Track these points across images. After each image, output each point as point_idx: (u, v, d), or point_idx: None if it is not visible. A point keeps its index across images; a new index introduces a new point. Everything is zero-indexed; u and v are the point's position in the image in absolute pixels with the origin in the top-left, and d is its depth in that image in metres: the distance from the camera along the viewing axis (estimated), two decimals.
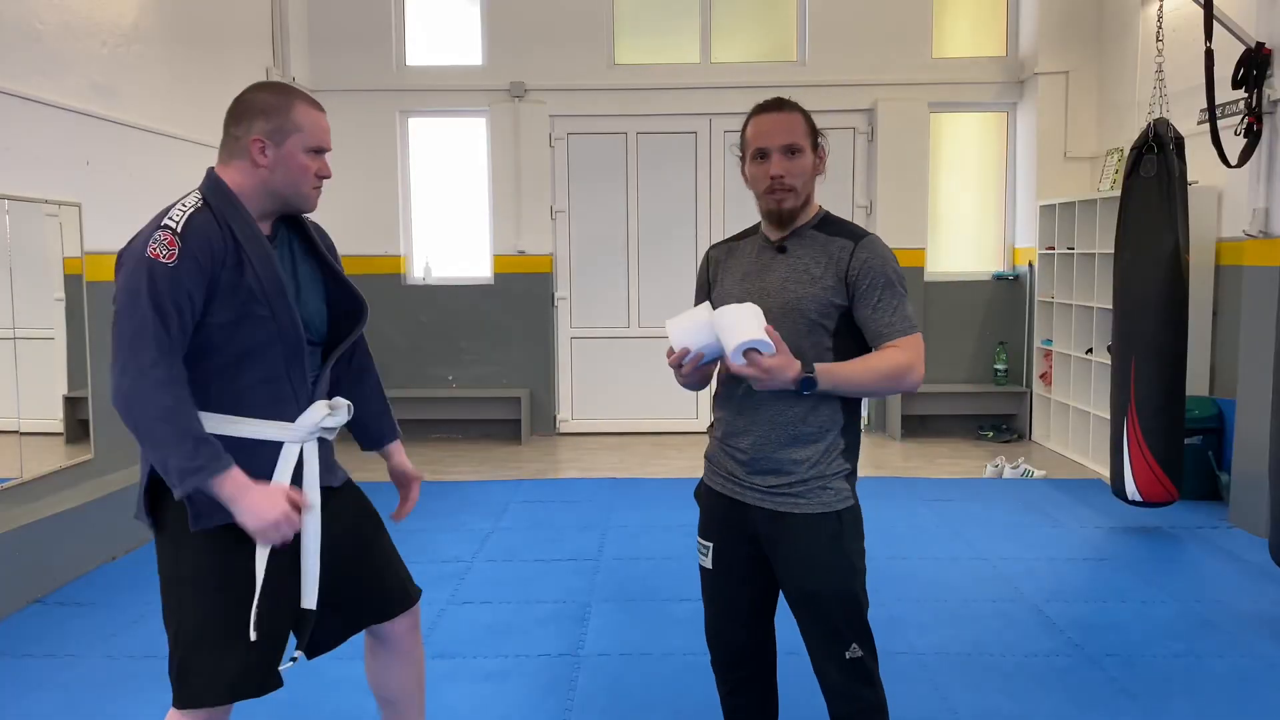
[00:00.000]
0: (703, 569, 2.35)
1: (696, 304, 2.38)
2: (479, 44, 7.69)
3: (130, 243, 1.95)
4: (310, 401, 2.07)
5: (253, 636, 1.96)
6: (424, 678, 2.37)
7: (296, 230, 2.15)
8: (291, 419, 2.03)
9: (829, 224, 2.22)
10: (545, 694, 3.26)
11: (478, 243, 7.83)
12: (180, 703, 2.01)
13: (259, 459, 1.99)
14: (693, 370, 2.11)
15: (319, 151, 2.04)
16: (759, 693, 2.38)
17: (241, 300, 1.93)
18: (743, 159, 2.24)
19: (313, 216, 2.20)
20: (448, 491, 5.98)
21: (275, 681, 2.05)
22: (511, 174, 7.64)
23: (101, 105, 4.90)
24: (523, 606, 4.03)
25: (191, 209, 1.94)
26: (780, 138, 2.15)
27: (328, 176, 2.06)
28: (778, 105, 2.20)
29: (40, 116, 4.44)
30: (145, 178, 5.24)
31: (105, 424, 4.81)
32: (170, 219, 1.91)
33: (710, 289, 2.33)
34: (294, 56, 7.13)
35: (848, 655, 2.17)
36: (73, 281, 4.68)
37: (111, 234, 4.89)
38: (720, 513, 2.29)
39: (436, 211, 7.87)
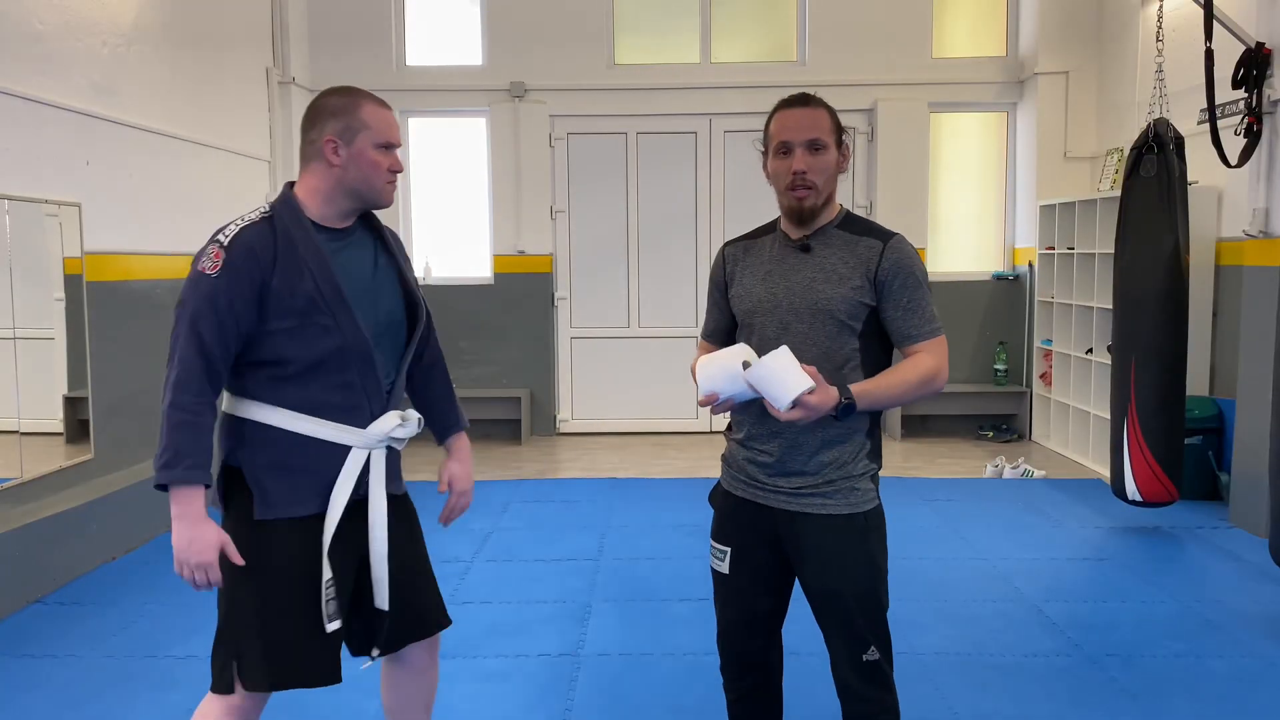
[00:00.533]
0: (717, 574, 2.30)
1: (709, 301, 2.37)
2: (479, 44, 7.69)
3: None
4: (385, 409, 2.12)
5: (329, 627, 2.04)
6: (433, 697, 2.39)
7: (374, 232, 2.21)
8: (363, 425, 2.09)
9: (853, 223, 2.19)
10: (545, 694, 3.26)
11: (478, 243, 7.83)
12: (217, 687, 2.07)
13: (328, 459, 2.06)
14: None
15: (389, 147, 2.10)
16: (765, 699, 2.36)
17: (300, 309, 2.00)
18: (765, 154, 2.20)
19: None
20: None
21: (326, 676, 2.11)
22: (511, 174, 7.64)
23: (101, 105, 4.90)
24: (523, 606, 4.03)
25: (246, 223, 2.03)
26: (804, 133, 2.12)
27: (400, 171, 2.13)
28: (803, 101, 2.18)
29: (40, 116, 4.44)
30: (145, 178, 5.25)
31: (105, 424, 4.81)
32: (224, 233, 2.01)
33: (727, 287, 2.30)
34: (294, 56, 7.13)
35: (865, 657, 2.15)
36: (73, 281, 4.68)
37: (111, 234, 4.90)
38: (739, 517, 2.25)
39: (436, 211, 7.87)
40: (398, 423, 2.13)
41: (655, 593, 4.17)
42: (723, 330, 2.33)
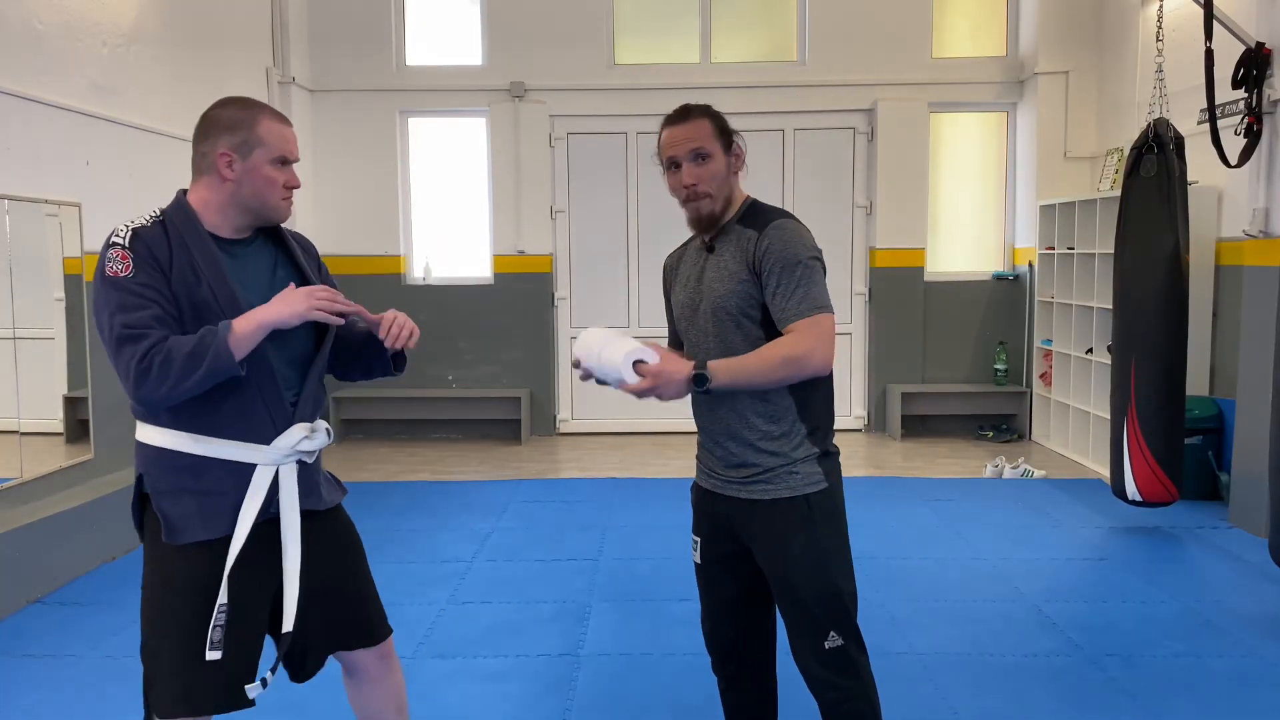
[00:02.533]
0: (695, 564, 2.38)
1: (667, 314, 2.42)
2: (479, 44, 7.69)
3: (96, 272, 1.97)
4: (290, 422, 2.04)
5: (209, 656, 1.96)
6: (404, 702, 2.36)
7: (276, 241, 2.15)
8: (267, 441, 2.01)
9: (748, 215, 2.21)
10: (545, 694, 3.26)
11: (478, 243, 7.83)
12: (148, 716, 2.03)
13: (234, 479, 1.99)
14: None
15: (285, 162, 2.04)
16: (755, 688, 2.38)
17: (195, 315, 1.94)
18: (664, 171, 2.25)
19: (314, 217, 2.20)
20: (448, 491, 5.98)
21: (239, 701, 2.03)
22: (511, 174, 7.64)
23: (101, 105, 4.90)
24: (523, 606, 4.03)
25: (138, 224, 1.97)
26: (686, 146, 2.17)
27: (296, 187, 2.06)
28: (683, 115, 2.21)
29: (40, 116, 4.44)
30: (145, 178, 5.25)
31: (105, 424, 4.81)
32: (117, 235, 1.95)
33: (670, 298, 2.38)
34: (294, 56, 7.13)
35: (827, 645, 2.16)
36: (73, 281, 4.68)
37: None
38: (706, 507, 2.32)
39: (436, 211, 7.87)
40: (304, 435, 2.04)
41: (655, 593, 4.17)
42: (677, 341, 2.36)
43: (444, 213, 7.87)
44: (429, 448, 7.40)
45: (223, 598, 1.97)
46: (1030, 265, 7.45)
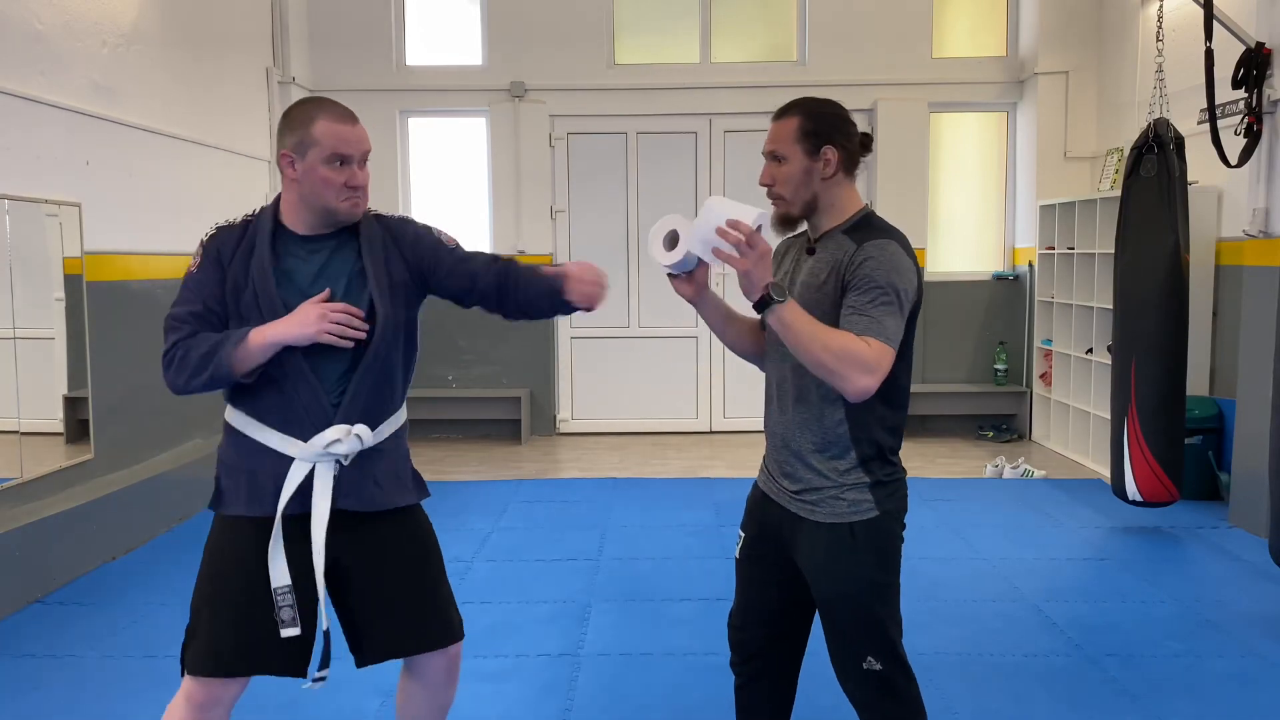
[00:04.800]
0: (735, 560, 2.36)
1: None
2: (479, 44, 7.69)
3: None
4: (329, 422, 2.05)
5: (284, 634, 2.04)
6: (445, 715, 2.37)
7: (358, 236, 2.12)
8: (304, 437, 2.06)
9: (856, 228, 2.14)
10: (545, 694, 3.26)
11: (478, 243, 7.81)
12: (182, 669, 2.12)
13: (275, 466, 2.07)
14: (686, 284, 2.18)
15: (343, 161, 2.02)
16: (768, 691, 2.35)
17: (243, 316, 2.05)
18: None
19: None
20: (448, 491, 5.98)
21: (285, 668, 2.10)
22: (511, 174, 7.64)
23: (101, 105, 4.89)
24: (523, 606, 4.03)
25: (225, 225, 2.12)
26: (767, 145, 2.16)
27: (358, 185, 2.04)
28: (780, 112, 2.19)
29: (40, 116, 4.44)
30: (145, 178, 5.25)
31: (105, 424, 4.81)
32: (206, 233, 2.12)
33: None
34: (294, 56, 7.13)
35: (864, 667, 2.12)
36: (73, 281, 4.68)
37: (111, 234, 4.90)
38: (756, 510, 2.31)
39: (436, 211, 7.86)
40: (336, 437, 2.04)
41: (655, 593, 4.17)
42: (761, 325, 2.24)
43: (444, 213, 7.87)
44: (429, 448, 7.40)
45: (284, 580, 2.03)
46: (1030, 265, 7.45)
